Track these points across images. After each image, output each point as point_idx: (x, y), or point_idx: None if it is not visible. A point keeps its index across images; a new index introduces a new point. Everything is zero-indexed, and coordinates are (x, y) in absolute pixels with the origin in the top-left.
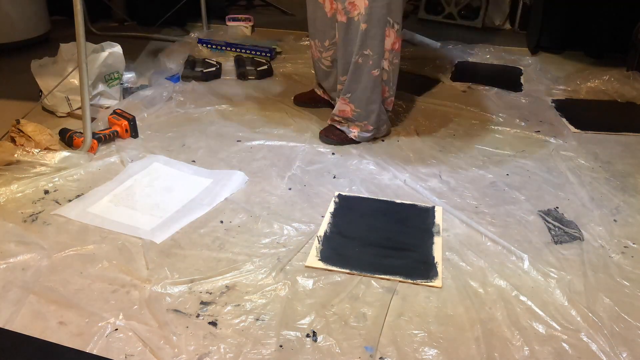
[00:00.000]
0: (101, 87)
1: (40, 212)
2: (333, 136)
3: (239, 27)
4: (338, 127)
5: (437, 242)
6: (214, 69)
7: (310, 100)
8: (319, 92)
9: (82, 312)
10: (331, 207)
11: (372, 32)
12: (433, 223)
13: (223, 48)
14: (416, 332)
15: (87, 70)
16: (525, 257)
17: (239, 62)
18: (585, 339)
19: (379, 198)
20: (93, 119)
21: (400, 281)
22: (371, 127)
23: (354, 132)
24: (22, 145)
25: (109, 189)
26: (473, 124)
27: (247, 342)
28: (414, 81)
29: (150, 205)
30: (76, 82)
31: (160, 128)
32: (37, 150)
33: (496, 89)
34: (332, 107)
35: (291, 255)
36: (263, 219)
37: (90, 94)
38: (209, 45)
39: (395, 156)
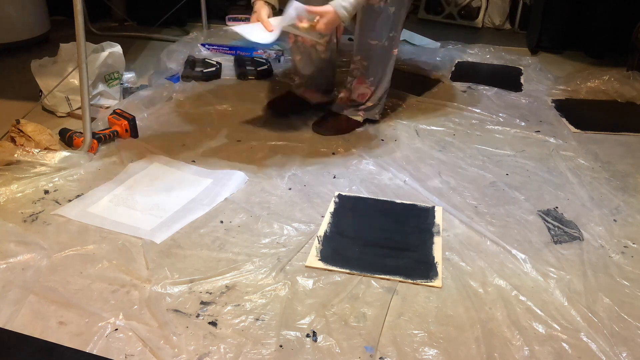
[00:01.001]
0: (101, 87)
1: (40, 212)
2: (327, 126)
3: None
4: (345, 113)
5: (437, 242)
6: (214, 69)
7: (290, 105)
8: (299, 91)
9: (82, 312)
10: (331, 207)
11: (398, 14)
12: (433, 223)
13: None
14: (416, 332)
15: (87, 70)
16: (525, 257)
17: (239, 62)
18: (585, 339)
19: (379, 198)
20: (93, 119)
21: (400, 281)
22: (380, 103)
23: (359, 114)
24: (22, 145)
25: (109, 189)
26: (473, 124)
27: (247, 342)
28: (414, 81)
29: (150, 205)
30: (76, 82)
31: (160, 128)
32: (37, 150)
33: (496, 89)
34: (315, 105)
35: (291, 255)
36: (263, 219)
37: (90, 94)
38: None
39: (395, 156)
